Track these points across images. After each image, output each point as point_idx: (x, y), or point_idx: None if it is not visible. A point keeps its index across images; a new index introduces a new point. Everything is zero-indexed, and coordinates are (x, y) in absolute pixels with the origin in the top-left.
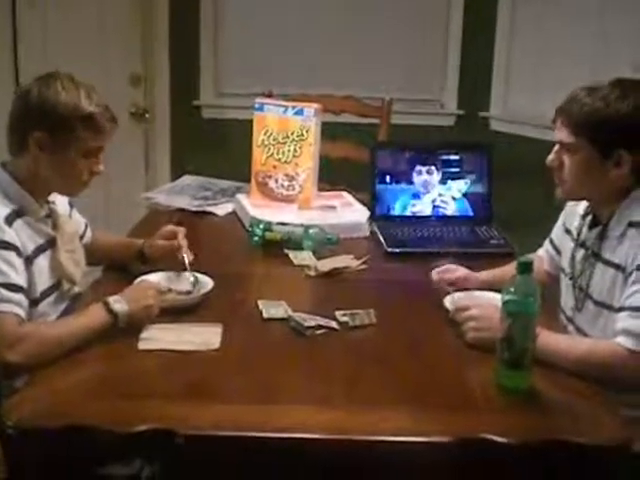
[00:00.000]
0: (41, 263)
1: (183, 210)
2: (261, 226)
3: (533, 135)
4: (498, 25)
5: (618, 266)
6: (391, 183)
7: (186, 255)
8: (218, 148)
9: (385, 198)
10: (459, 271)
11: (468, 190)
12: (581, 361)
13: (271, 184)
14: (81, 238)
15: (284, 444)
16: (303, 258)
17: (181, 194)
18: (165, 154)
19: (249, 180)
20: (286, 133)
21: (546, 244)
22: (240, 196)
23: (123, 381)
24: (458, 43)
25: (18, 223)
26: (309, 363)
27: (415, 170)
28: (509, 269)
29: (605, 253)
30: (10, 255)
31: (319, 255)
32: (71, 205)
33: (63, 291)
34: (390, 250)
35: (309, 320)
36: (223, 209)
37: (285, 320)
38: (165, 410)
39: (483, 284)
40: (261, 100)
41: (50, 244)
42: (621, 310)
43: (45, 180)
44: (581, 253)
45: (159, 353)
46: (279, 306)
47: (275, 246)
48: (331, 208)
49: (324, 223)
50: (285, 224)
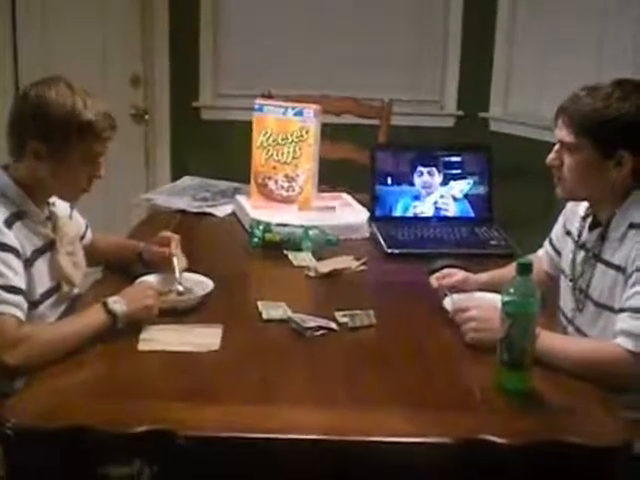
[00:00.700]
0: (41, 265)
1: (183, 211)
2: (261, 227)
3: (533, 136)
4: (498, 26)
5: (619, 267)
6: (392, 184)
7: (177, 265)
8: (218, 149)
9: (386, 199)
10: (458, 275)
11: (469, 191)
12: (581, 362)
13: (271, 185)
14: (81, 239)
15: (284, 445)
16: (303, 259)
17: (181, 195)
18: (165, 155)
19: (249, 181)
20: (286, 134)
21: (546, 245)
22: (240, 197)
23: (123, 382)
24: (458, 44)
25: (18, 225)
26: (309, 364)
27: (416, 171)
28: (508, 270)
29: (606, 254)
30: (9, 257)
31: (319, 256)
32: (71, 206)
33: (62, 293)
34: (390, 251)
35: (309, 321)
36: (223, 210)
37: (285, 321)
38: (165, 411)
39: (482, 286)
40: (261, 101)
41: (50, 246)
42: (621, 311)
43: (45, 185)
44: (581, 255)
45: (159, 354)
46: (279, 307)
47: (275, 247)
48: (331, 209)
49: (324, 224)
50: (285, 225)
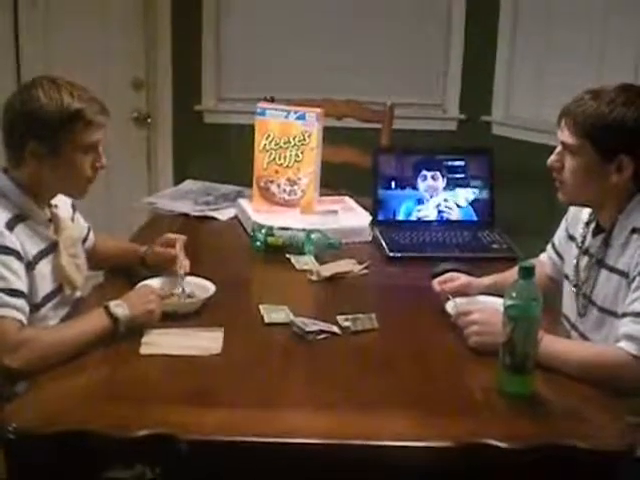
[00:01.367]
0: (43, 268)
1: (185, 215)
2: (263, 231)
3: (535, 140)
4: (500, 29)
5: (622, 272)
6: (395, 188)
7: (180, 267)
8: (220, 153)
9: (388, 203)
10: (460, 279)
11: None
12: (584, 366)
13: (273, 189)
14: (84, 242)
15: (285, 449)
16: (305, 263)
17: (183, 199)
18: (167, 159)
19: (251, 185)
20: (288, 138)
21: (548, 249)
22: (242, 201)
23: (124, 386)
24: (460, 47)
25: (20, 228)
26: (311, 368)
27: (420, 175)
28: (510, 274)
29: (609, 260)
30: (10, 260)
31: (321, 260)
32: (74, 208)
33: (65, 296)
34: (392, 255)
35: (311, 325)
36: (225, 214)
37: (287, 325)
38: (166, 415)
39: (485, 289)
40: (263, 105)
41: (52, 248)
42: (624, 316)
43: (49, 185)
44: (585, 260)
45: (161, 358)
46: (281, 311)
47: (277, 251)
48: (333, 213)
49: (326, 228)
50: (287, 229)
